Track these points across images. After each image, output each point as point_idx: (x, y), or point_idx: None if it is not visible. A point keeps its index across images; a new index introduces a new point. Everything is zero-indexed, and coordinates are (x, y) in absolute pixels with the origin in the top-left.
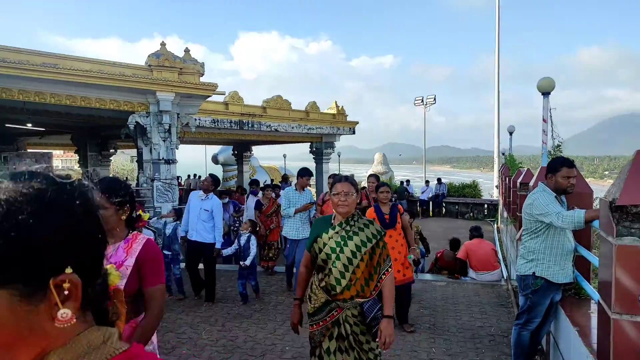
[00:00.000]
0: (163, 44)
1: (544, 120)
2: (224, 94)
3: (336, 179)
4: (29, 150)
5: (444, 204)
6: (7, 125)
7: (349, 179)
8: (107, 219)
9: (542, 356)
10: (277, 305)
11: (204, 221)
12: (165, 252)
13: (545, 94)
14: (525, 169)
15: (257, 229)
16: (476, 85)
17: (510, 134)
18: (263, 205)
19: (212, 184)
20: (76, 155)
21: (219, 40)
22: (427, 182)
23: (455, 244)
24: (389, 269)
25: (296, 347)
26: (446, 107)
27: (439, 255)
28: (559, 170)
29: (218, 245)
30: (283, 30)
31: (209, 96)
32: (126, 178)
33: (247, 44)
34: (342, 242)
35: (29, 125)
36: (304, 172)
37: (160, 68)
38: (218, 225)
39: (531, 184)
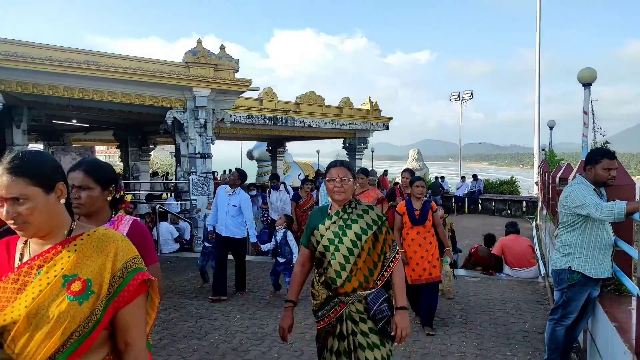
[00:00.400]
0: (199, 41)
1: (584, 112)
2: (258, 90)
3: (330, 163)
4: (73, 145)
5: (480, 201)
6: (54, 121)
7: (345, 164)
8: (93, 200)
9: (578, 353)
10: (307, 296)
11: (232, 216)
12: (206, 244)
13: (586, 85)
14: (566, 163)
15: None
16: (516, 80)
17: (551, 128)
18: (301, 199)
19: (238, 179)
20: (118, 150)
21: (255, 39)
22: (462, 178)
23: (490, 239)
24: (397, 256)
25: None
26: (484, 103)
27: (473, 250)
28: (600, 161)
29: (253, 239)
30: (318, 28)
31: (243, 92)
32: (167, 173)
33: (282, 42)
34: (341, 232)
35: (74, 121)
36: None
37: (197, 65)
38: (249, 220)
39: (570, 178)
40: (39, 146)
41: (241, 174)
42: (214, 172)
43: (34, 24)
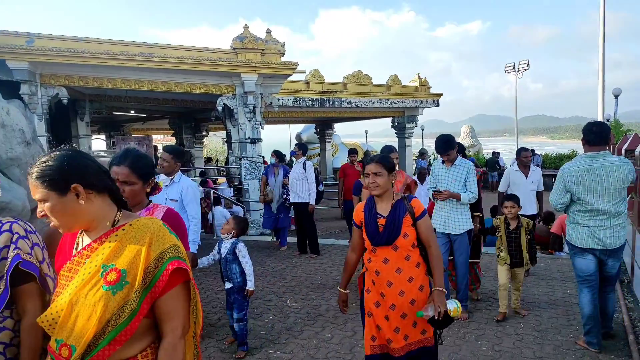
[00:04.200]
0: (246, 27)
1: None
2: (304, 72)
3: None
4: (132, 135)
5: None
6: (114, 112)
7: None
8: (135, 194)
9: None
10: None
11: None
12: None
13: None
14: (632, 134)
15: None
16: (581, 45)
17: (616, 97)
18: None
19: (173, 160)
20: (174, 138)
21: (301, 20)
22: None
23: (548, 217)
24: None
25: None
26: (544, 72)
27: None
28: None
29: (193, 249)
30: (363, 4)
31: (289, 75)
32: (218, 159)
33: (328, 21)
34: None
35: (132, 112)
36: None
37: (244, 50)
38: (193, 217)
39: (638, 150)
40: (101, 137)
41: (175, 153)
42: (264, 157)
43: (95, 19)
